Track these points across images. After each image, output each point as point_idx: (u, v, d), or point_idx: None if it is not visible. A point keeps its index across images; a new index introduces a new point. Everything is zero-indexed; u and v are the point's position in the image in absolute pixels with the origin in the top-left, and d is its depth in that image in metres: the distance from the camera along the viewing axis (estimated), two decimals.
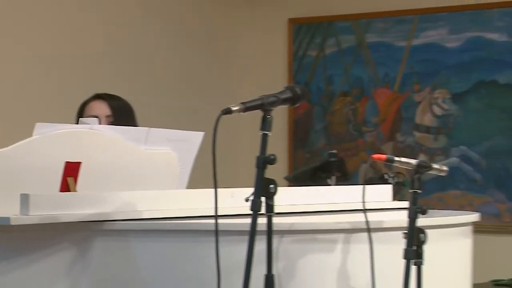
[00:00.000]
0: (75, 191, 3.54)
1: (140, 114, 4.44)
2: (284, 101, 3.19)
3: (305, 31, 6.97)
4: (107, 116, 4.23)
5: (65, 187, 3.54)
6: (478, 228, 4.31)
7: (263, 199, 3.02)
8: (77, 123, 4.12)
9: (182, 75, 6.83)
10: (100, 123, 4.08)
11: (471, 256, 4.07)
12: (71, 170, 3.55)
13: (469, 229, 4.02)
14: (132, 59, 6.50)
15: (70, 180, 3.55)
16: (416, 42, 6.55)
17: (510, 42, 6.23)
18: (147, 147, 3.73)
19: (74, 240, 3.27)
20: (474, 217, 4.03)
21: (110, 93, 4.36)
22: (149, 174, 3.76)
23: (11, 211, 3.14)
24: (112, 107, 4.25)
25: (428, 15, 6.50)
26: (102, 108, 4.25)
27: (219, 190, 3.05)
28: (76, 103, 4.42)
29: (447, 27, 6.44)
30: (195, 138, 3.91)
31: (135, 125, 4.21)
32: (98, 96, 4.32)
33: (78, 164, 3.56)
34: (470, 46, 6.37)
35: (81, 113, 4.29)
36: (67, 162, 3.53)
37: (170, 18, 6.77)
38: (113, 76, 6.23)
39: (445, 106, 6.44)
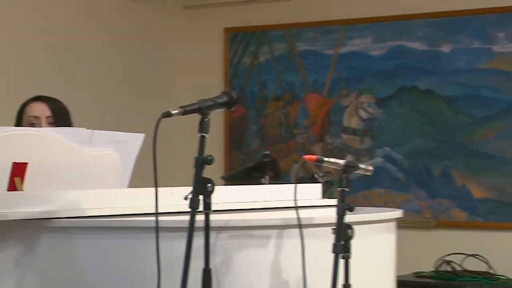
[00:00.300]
0: (21, 190, 3.50)
1: (80, 117, 4.41)
2: (221, 105, 3.19)
3: (240, 39, 6.97)
4: (47, 117, 4.18)
5: (12, 187, 3.50)
6: (401, 224, 4.33)
7: (201, 197, 3.02)
8: (18, 125, 4.10)
9: (123, 81, 6.78)
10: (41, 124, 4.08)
11: (394, 250, 4.09)
12: (18, 170, 3.50)
13: (392, 224, 4.04)
14: (71, 63, 6.45)
15: (17, 180, 3.50)
16: (343, 50, 6.58)
17: (429, 50, 6.28)
18: (91, 148, 3.70)
19: (21, 237, 3.23)
20: (397, 213, 4.06)
21: (48, 96, 4.33)
22: (93, 174, 3.73)
23: None
24: (52, 109, 4.21)
25: (354, 25, 6.53)
26: (42, 109, 4.21)
27: (159, 189, 3.04)
28: (12, 105, 4.38)
29: (371, 37, 6.48)
30: (136, 140, 3.89)
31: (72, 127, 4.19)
32: (38, 98, 4.27)
33: (24, 165, 3.52)
34: (393, 54, 6.41)
35: (21, 114, 4.24)
36: (14, 163, 3.49)
37: (109, 25, 6.73)
38: (50, 79, 6.16)
39: (370, 110, 6.48)
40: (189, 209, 3.00)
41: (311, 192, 4.26)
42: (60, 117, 4.23)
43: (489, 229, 6.05)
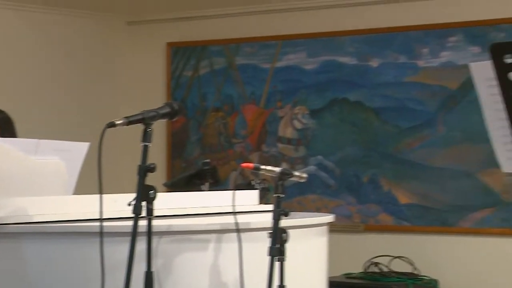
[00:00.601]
0: None
1: (27, 127, 4.36)
2: (163, 116, 3.19)
3: (181, 53, 6.95)
4: None
5: None
6: (332, 228, 4.34)
7: (143, 203, 3.00)
8: None
9: (69, 93, 6.74)
10: None
11: (326, 253, 4.10)
12: None
13: (325, 229, 4.05)
14: (16, 75, 6.39)
15: None
16: (279, 64, 6.59)
17: (359, 65, 6.32)
18: (37, 157, 3.65)
19: None
20: (329, 218, 4.08)
21: None
22: (39, 181, 3.68)
23: None
24: None
25: (289, 41, 6.55)
26: None
27: (104, 195, 3.02)
28: None
29: (305, 52, 6.50)
30: (81, 149, 3.86)
31: (16, 137, 4.14)
32: None
33: None
34: (325, 68, 6.44)
35: None
36: None
37: (56, 39, 6.67)
38: None
39: (304, 121, 6.50)
40: (132, 215, 2.98)
41: (248, 198, 4.25)
42: (4, 127, 4.17)
43: (414, 233, 6.10)
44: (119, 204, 3.21)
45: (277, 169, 3.46)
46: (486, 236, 5.86)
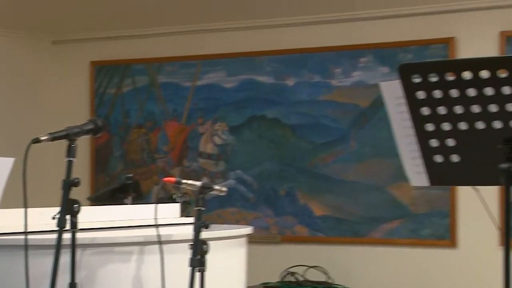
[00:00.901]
0: None
1: None
2: (87, 132, 3.17)
3: (105, 72, 6.90)
4: None
5: None
6: (251, 239, 4.35)
7: (68, 217, 2.97)
8: None
9: None
10: None
11: (245, 263, 4.11)
12: None
13: (243, 240, 4.06)
14: None
15: None
16: (199, 82, 6.59)
17: (276, 83, 6.36)
18: None
19: None
20: (247, 230, 4.09)
21: None
22: None
23: None
24: None
25: (209, 61, 6.56)
26: None
27: (29, 209, 2.97)
28: None
29: (225, 71, 6.51)
30: (6, 164, 3.77)
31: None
32: None
33: None
34: (244, 87, 6.46)
35: None
36: None
37: None
38: None
39: (224, 137, 6.50)
40: (56, 228, 2.95)
41: (170, 211, 4.24)
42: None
43: (328, 243, 6.14)
44: (44, 218, 3.17)
45: (198, 183, 3.47)
46: (396, 246, 5.93)
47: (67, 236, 2.97)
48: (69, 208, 2.98)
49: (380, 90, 2.66)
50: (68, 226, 2.97)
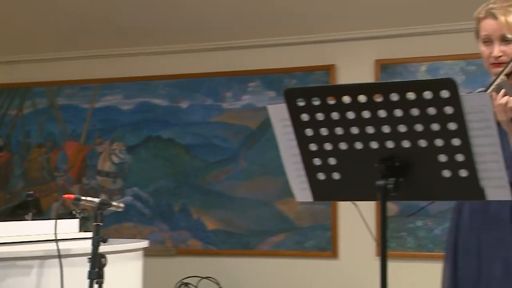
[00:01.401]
0: None
1: None
2: None
3: (6, 94, 6.75)
4: None
5: None
6: (147, 253, 4.32)
7: None
8: None
9: None
10: None
11: (142, 275, 4.07)
12: None
13: (140, 253, 4.02)
14: None
15: None
16: (97, 105, 6.52)
17: (170, 106, 6.34)
18: None
19: None
20: (143, 244, 4.05)
21: None
22: None
23: None
24: None
25: (107, 84, 6.50)
26: None
27: None
28: None
29: (122, 94, 6.46)
30: None
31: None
32: None
33: None
34: (141, 109, 6.42)
35: None
36: None
37: None
38: None
39: (121, 156, 6.44)
40: None
41: (69, 226, 4.17)
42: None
43: (220, 255, 6.14)
44: None
45: (96, 200, 3.42)
46: (282, 258, 5.97)
47: None
48: None
49: (268, 112, 2.67)
50: None
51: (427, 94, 2.39)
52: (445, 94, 2.37)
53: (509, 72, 3.03)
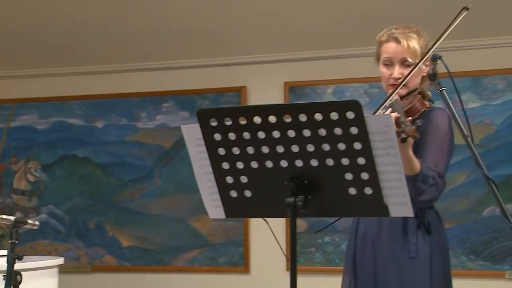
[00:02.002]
0: None
1: None
2: None
3: None
4: None
5: None
6: (62, 269, 4.24)
7: None
8: None
9: None
10: None
11: None
12: None
13: (55, 270, 3.95)
14: None
15: None
16: (13, 124, 6.39)
17: (85, 125, 6.27)
18: None
19: None
20: (59, 261, 3.98)
21: None
22: None
23: None
24: None
25: (23, 104, 6.38)
26: None
27: None
28: None
29: (37, 113, 6.35)
30: None
31: None
32: None
33: None
34: (56, 128, 6.32)
35: None
36: None
37: None
38: None
39: (37, 174, 6.32)
40: None
41: None
42: None
43: (135, 272, 6.08)
44: None
45: (12, 218, 3.34)
46: (196, 273, 5.95)
47: None
48: None
49: (181, 132, 2.66)
50: None
51: (334, 115, 2.42)
52: (350, 115, 2.40)
53: (405, 94, 3.11)
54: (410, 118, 2.88)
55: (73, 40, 5.90)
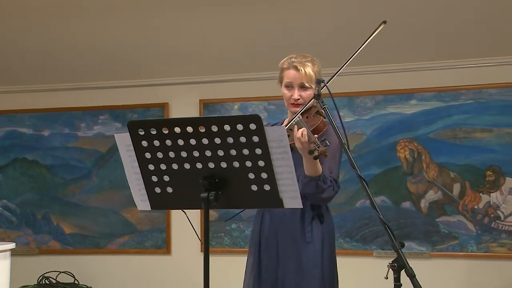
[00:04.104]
0: None
1: None
2: None
3: None
4: None
5: None
6: (14, 253, 4.10)
7: None
8: None
9: None
10: None
11: (9, 271, 3.85)
12: None
13: (8, 253, 3.81)
14: None
15: None
16: None
17: (34, 134, 6.11)
18: None
19: None
20: (11, 245, 3.84)
21: None
22: None
23: None
24: None
25: None
26: None
27: None
28: None
29: None
30: None
31: None
32: None
33: None
34: (9, 136, 6.14)
35: None
36: None
37: None
38: None
39: None
40: None
41: None
42: None
43: (76, 254, 5.95)
44: None
45: None
46: (126, 255, 5.87)
47: None
48: None
49: (115, 139, 2.63)
50: None
51: (239, 126, 2.42)
52: (252, 126, 2.41)
53: (305, 111, 3.14)
54: (316, 135, 2.90)
55: (21, 65, 5.76)
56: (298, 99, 3.13)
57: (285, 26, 5.02)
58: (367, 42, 3.01)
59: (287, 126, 3.01)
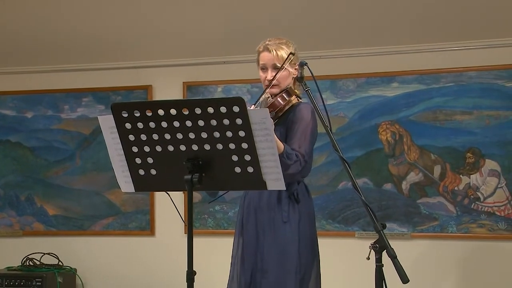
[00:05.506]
0: None
1: None
2: None
3: None
4: None
5: None
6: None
7: None
8: None
9: None
10: None
11: None
12: None
13: None
14: None
15: None
16: None
17: (17, 116, 6.05)
18: None
19: None
20: None
21: None
22: None
23: None
24: None
25: None
26: None
27: None
28: None
29: None
30: None
31: None
32: None
33: None
34: None
35: None
36: None
37: None
38: None
39: None
40: None
41: None
42: None
43: (59, 236, 5.93)
44: None
45: None
46: (110, 236, 5.87)
47: None
48: None
49: (99, 122, 2.61)
50: None
51: (223, 109, 2.42)
52: (236, 109, 2.41)
53: (277, 93, 3.21)
54: (271, 110, 2.98)
55: (3, 47, 5.70)
56: (271, 79, 3.18)
57: (269, 8, 5.00)
58: (279, 72, 3.10)
59: (252, 105, 3.07)
